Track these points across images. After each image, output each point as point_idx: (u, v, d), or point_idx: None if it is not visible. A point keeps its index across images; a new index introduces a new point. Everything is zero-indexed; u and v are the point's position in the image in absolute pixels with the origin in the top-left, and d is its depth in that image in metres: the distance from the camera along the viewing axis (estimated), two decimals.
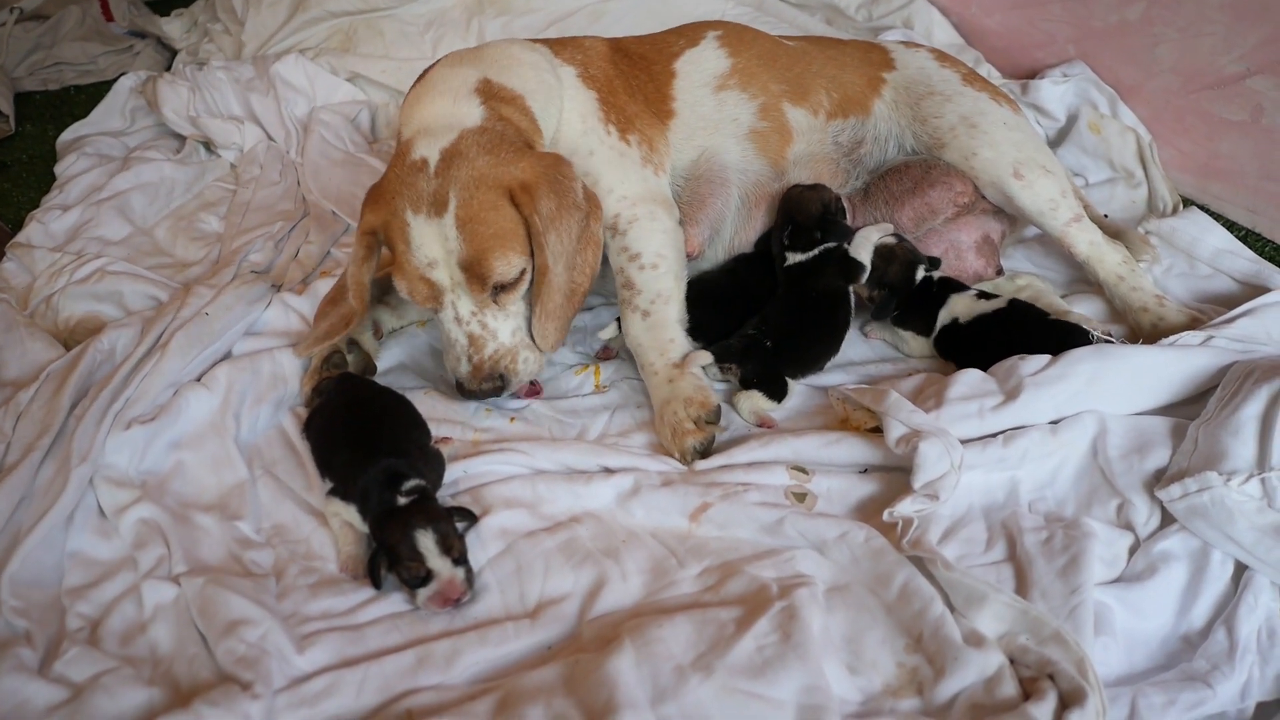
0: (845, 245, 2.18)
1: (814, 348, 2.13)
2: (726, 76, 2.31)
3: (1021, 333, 2.00)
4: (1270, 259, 2.36)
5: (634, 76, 2.29)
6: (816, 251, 2.15)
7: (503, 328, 1.97)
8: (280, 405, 2.09)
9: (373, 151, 3.13)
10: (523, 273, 1.95)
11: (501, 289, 1.95)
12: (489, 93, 2.06)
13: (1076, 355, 1.87)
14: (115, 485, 1.83)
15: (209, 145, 3.29)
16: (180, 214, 2.94)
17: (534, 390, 2.10)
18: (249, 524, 1.82)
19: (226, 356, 2.15)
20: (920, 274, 2.18)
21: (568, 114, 2.16)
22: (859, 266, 2.17)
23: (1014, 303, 2.10)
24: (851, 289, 2.18)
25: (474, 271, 1.89)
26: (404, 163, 1.94)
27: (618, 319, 2.14)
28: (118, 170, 3.05)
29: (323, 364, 2.10)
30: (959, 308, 2.12)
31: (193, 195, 3.04)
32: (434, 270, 1.90)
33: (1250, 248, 2.38)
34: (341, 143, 3.15)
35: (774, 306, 2.15)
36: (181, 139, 3.33)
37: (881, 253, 2.18)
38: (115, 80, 3.55)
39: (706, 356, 2.04)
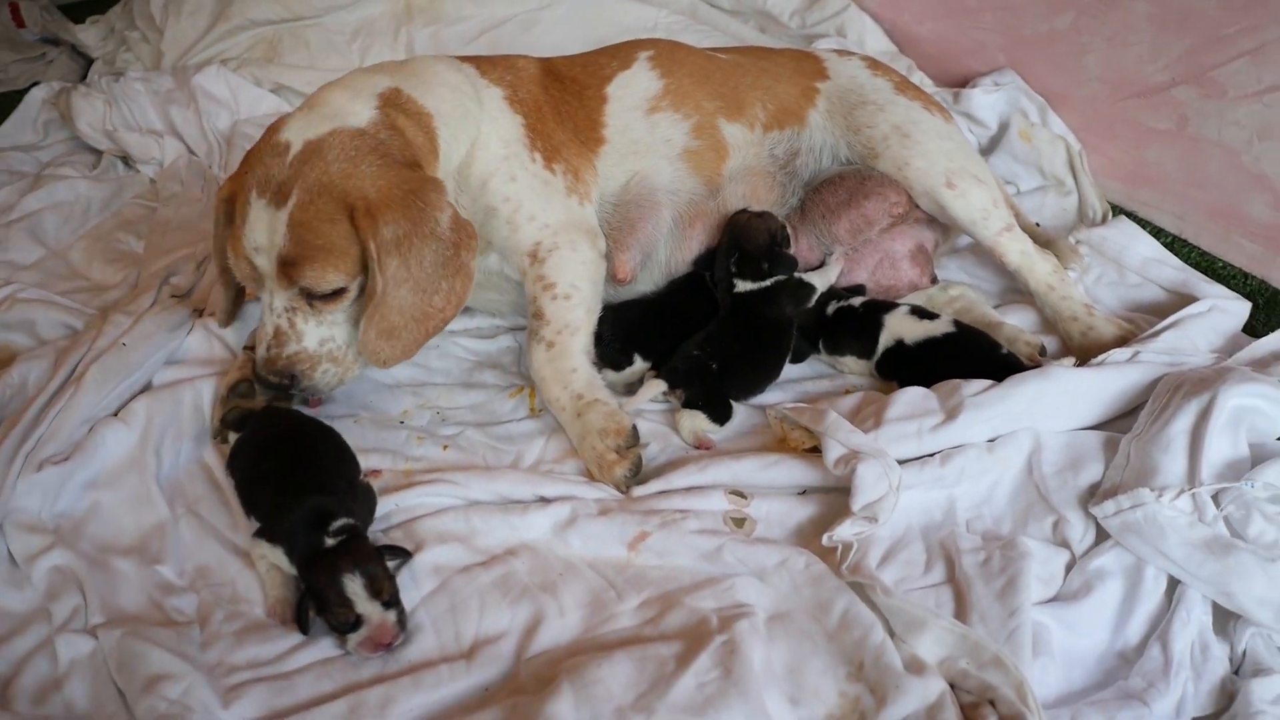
0: (797, 275, 2.18)
1: (759, 371, 2.12)
2: (659, 98, 2.28)
3: (968, 360, 1.99)
4: (1196, 265, 2.40)
5: (564, 102, 2.24)
6: (769, 283, 2.14)
7: (311, 334, 1.93)
8: (203, 439, 2.01)
9: None
10: (342, 290, 1.90)
11: (317, 298, 1.90)
12: (393, 101, 2.01)
13: (1018, 377, 1.88)
14: (26, 530, 1.75)
15: (127, 160, 3.19)
16: (97, 234, 2.83)
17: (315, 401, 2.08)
18: (170, 567, 1.75)
19: (146, 388, 2.06)
20: (832, 307, 2.19)
21: (487, 137, 2.10)
22: (811, 289, 2.18)
23: (960, 326, 2.08)
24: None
25: (285, 270, 1.86)
26: (270, 140, 1.92)
27: None
28: (29, 188, 2.94)
29: (229, 393, 2.02)
30: (902, 329, 2.09)
31: (110, 214, 2.93)
32: (258, 255, 1.88)
33: (1177, 253, 2.42)
34: None
35: (719, 329, 2.12)
36: (98, 154, 3.21)
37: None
38: (26, 90, 3.42)
39: (660, 385, 2.03)
